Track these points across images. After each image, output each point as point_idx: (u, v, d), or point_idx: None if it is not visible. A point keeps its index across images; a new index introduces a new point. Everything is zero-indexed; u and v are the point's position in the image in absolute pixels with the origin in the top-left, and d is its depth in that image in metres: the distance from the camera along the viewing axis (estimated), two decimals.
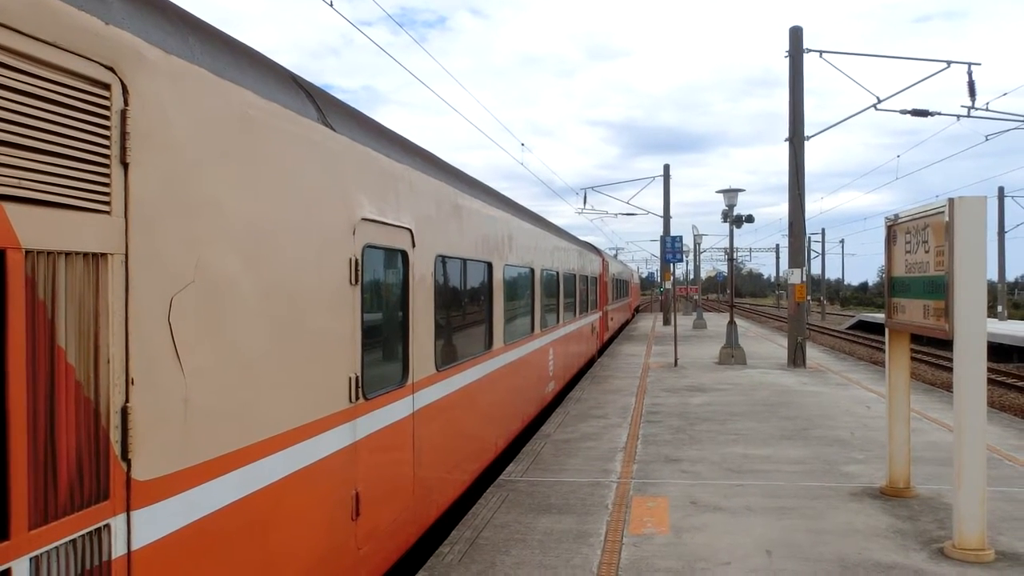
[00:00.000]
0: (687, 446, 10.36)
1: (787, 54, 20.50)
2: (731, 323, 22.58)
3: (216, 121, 3.56)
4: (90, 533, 2.78)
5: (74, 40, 2.70)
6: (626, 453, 9.96)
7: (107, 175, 2.85)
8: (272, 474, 4.05)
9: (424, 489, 6.60)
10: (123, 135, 2.93)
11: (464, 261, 8.25)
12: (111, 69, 2.88)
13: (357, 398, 5.16)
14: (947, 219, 6.32)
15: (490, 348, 9.46)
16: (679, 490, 8.15)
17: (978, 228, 6.23)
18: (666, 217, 41.70)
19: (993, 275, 48.30)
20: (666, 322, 41.78)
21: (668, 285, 32.20)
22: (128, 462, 2.96)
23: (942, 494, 7.86)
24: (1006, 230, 47.36)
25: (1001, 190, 47.46)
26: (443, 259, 7.36)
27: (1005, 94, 18.76)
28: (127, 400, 2.94)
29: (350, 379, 5.06)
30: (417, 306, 6.50)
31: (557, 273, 15.85)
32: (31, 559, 2.53)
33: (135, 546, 3.00)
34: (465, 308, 8.40)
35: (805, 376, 18.32)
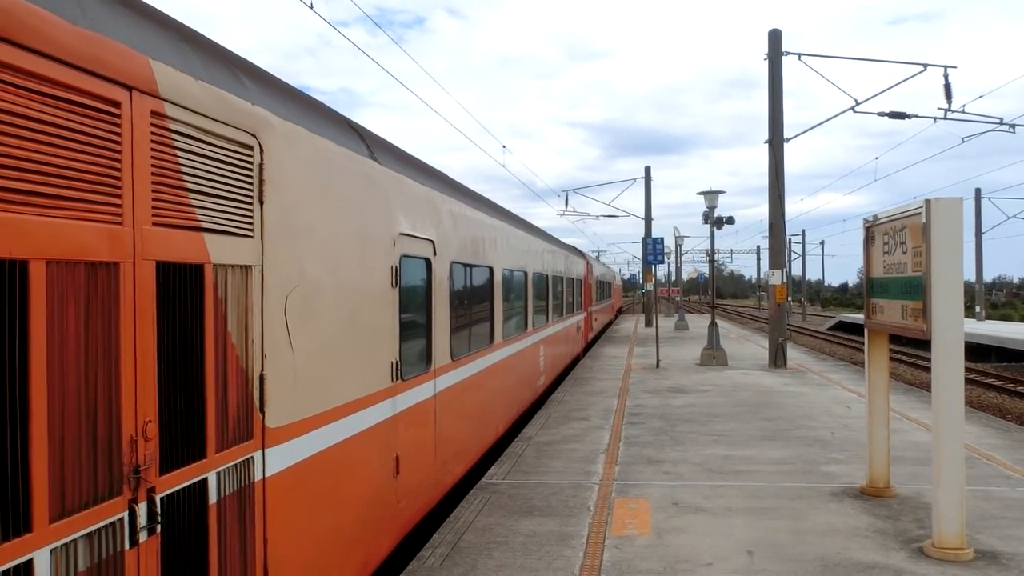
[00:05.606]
0: (669, 447, 10.37)
1: (766, 56, 20.59)
2: (712, 324, 22.67)
3: (310, 165, 4.74)
4: (243, 461, 3.92)
5: (239, 119, 3.91)
6: (608, 455, 9.96)
7: (251, 210, 4.01)
8: (341, 433, 5.14)
9: (443, 460, 7.74)
10: (261, 182, 4.11)
11: (472, 266, 9.41)
12: (253, 135, 4.05)
13: (397, 379, 6.30)
14: (924, 220, 6.37)
15: (492, 343, 10.62)
16: (661, 491, 8.15)
17: (954, 229, 6.29)
18: (647, 219, 41.84)
19: (970, 276, 48.89)
20: (648, 323, 41.93)
21: (650, 287, 32.26)
22: (263, 413, 4.11)
23: (921, 493, 7.92)
24: (983, 231, 47.93)
25: (978, 191, 47.98)
26: (456, 265, 8.46)
27: (981, 96, 18.99)
28: (263, 370, 4.11)
29: (392, 363, 6.19)
30: (437, 305, 7.67)
31: (546, 276, 16.65)
32: (217, 474, 3.66)
33: (268, 474, 4.14)
34: (472, 307, 9.54)
35: (786, 377, 18.43)
